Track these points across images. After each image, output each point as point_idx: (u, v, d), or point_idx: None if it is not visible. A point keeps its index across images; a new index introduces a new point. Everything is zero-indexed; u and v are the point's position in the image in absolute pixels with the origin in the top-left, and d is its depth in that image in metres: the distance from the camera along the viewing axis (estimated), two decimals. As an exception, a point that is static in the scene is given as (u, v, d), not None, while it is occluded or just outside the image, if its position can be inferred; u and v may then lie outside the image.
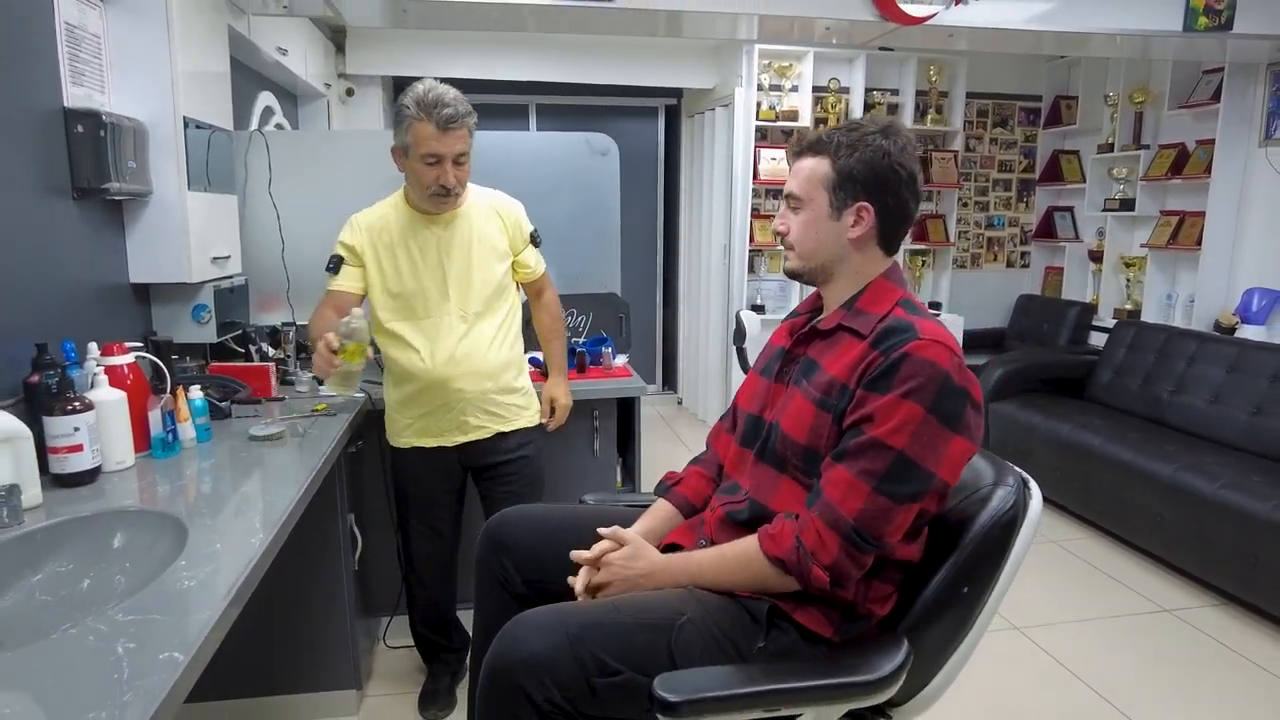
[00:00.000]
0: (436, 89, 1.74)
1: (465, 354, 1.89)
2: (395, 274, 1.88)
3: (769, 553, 1.15)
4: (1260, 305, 3.61)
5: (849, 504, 1.11)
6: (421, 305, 1.88)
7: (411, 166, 1.80)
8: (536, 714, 1.06)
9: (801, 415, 1.21)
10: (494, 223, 1.95)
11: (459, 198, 1.86)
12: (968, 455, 1.15)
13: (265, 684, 2.06)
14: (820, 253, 1.25)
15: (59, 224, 1.73)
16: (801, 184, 1.25)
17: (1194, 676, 2.35)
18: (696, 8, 2.80)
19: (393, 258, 1.88)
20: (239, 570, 1.13)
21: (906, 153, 1.21)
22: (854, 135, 1.21)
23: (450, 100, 1.73)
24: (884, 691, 1.07)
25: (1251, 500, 2.63)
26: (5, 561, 1.22)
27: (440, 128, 1.72)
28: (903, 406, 1.10)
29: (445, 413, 1.93)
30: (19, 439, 1.33)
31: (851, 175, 1.21)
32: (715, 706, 1.01)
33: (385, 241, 1.89)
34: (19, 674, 0.90)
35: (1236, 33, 3.09)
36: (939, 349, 1.12)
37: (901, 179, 1.21)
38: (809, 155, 1.25)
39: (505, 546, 1.38)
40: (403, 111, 1.76)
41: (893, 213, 1.23)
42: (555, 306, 2.16)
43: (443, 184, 1.78)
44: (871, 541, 1.11)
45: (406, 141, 1.77)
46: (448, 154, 1.76)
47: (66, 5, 1.73)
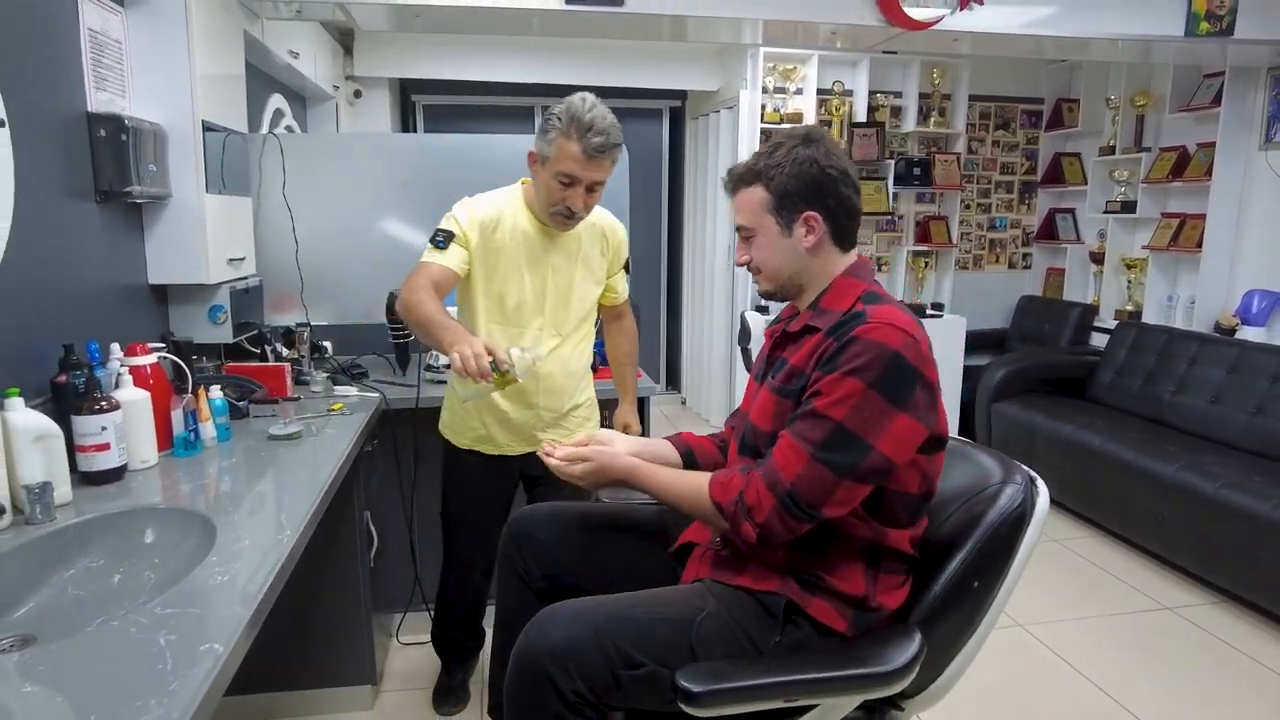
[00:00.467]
0: (596, 109, 1.65)
1: (549, 371, 1.84)
2: (499, 275, 1.80)
3: (714, 497, 1.22)
4: (1260, 307, 3.64)
5: (789, 468, 1.15)
6: (516, 312, 1.82)
7: (544, 179, 1.72)
8: (563, 704, 1.09)
9: (766, 405, 1.28)
10: (599, 244, 1.91)
11: (580, 220, 1.79)
12: (917, 434, 1.17)
13: (283, 679, 2.09)
14: (785, 269, 1.30)
15: (82, 226, 1.76)
16: (746, 215, 1.30)
17: (1195, 674, 2.39)
18: (701, 12, 2.83)
19: (498, 257, 1.80)
20: (271, 566, 1.16)
21: (831, 154, 1.26)
22: (778, 154, 1.26)
23: (605, 128, 1.64)
24: (899, 682, 1.10)
25: (1252, 500, 2.66)
26: (39, 557, 1.25)
27: (586, 154, 1.64)
28: (845, 382, 1.14)
29: (518, 425, 1.89)
30: (51, 437, 1.36)
31: (788, 191, 1.25)
32: (736, 696, 1.04)
33: (496, 238, 1.79)
34: (67, 664, 0.93)
35: (1238, 38, 3.12)
36: (888, 330, 1.15)
37: (835, 178, 1.25)
38: (743, 187, 1.30)
39: (526, 543, 1.42)
40: (551, 121, 1.68)
41: (838, 211, 1.27)
42: (633, 332, 2.12)
43: (570, 206, 1.71)
44: (805, 509, 1.14)
45: (547, 153, 1.69)
46: (585, 179, 1.68)
47: (90, 12, 1.76)
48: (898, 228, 4.82)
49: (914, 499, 1.22)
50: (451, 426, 1.98)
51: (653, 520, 1.48)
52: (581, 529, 1.42)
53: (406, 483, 2.32)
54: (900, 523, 1.22)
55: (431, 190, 2.76)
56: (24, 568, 1.22)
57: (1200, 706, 2.22)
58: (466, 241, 1.77)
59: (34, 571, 1.23)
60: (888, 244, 4.84)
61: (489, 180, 2.05)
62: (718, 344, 4.84)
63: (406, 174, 2.75)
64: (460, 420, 1.94)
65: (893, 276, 4.86)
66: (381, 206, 2.75)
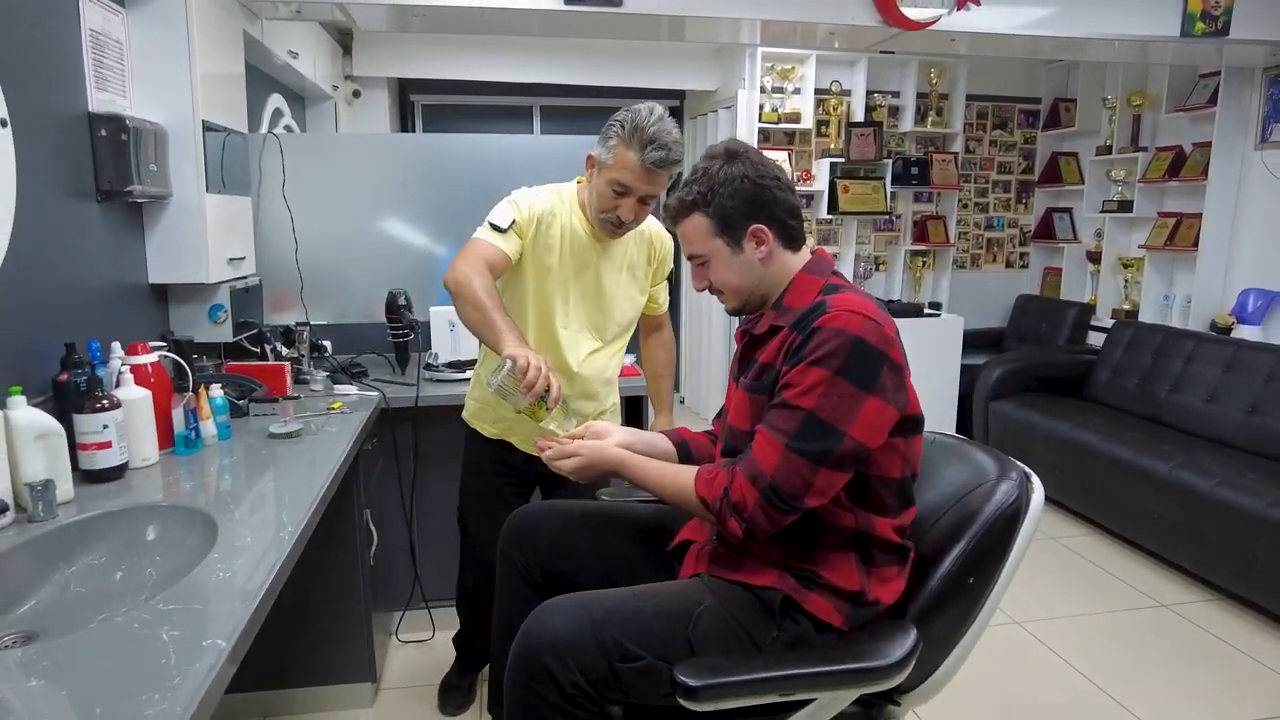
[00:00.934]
0: (662, 122, 1.62)
1: (584, 374, 1.83)
2: (546, 272, 1.78)
3: (699, 493, 1.23)
4: (1256, 306, 3.66)
5: (767, 461, 1.16)
6: (560, 312, 1.80)
7: (598, 184, 1.70)
8: (561, 696, 1.10)
9: (741, 405, 1.29)
10: (645, 252, 1.89)
11: (628, 231, 1.78)
12: (887, 416, 1.18)
13: (283, 676, 2.10)
14: (745, 285, 1.32)
15: (83, 226, 1.77)
16: (695, 244, 1.32)
17: (1190, 670, 2.40)
18: (699, 12, 2.84)
19: (548, 255, 1.77)
20: (272, 563, 1.17)
21: (759, 164, 1.28)
22: (706, 180, 1.27)
23: (667, 143, 1.61)
24: (895, 677, 1.11)
25: (1247, 497, 2.68)
26: (41, 554, 1.26)
27: (644, 166, 1.62)
28: (811, 371, 1.15)
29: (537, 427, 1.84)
30: (53, 435, 1.37)
31: (727, 213, 1.27)
32: (733, 690, 1.05)
33: (549, 235, 1.77)
34: (71, 660, 0.93)
35: (1233, 38, 3.14)
36: (849, 316, 1.16)
37: (769, 186, 1.27)
38: (683, 219, 1.31)
39: (526, 539, 1.43)
40: (613, 128, 1.65)
41: (781, 217, 1.29)
42: (671, 344, 2.11)
43: (620, 216, 1.69)
44: (787, 501, 1.15)
45: (605, 159, 1.67)
46: (638, 191, 1.66)
47: (91, 12, 1.77)
48: (895, 227, 4.83)
49: (896, 483, 1.23)
50: (480, 415, 1.94)
51: (651, 518, 1.49)
52: (581, 526, 1.43)
53: (406, 481, 2.33)
54: (887, 509, 1.23)
55: (430, 190, 2.78)
56: (26, 565, 1.22)
57: (1195, 703, 2.23)
58: (523, 231, 1.75)
59: (36, 569, 1.24)
60: (885, 243, 4.86)
61: (488, 180, 2.06)
62: (716, 344, 4.85)
63: (406, 174, 2.76)
64: (488, 409, 1.91)
65: (890, 276, 4.87)
66: (381, 206, 2.76)
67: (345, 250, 2.73)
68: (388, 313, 2.47)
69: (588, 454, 1.36)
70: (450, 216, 2.80)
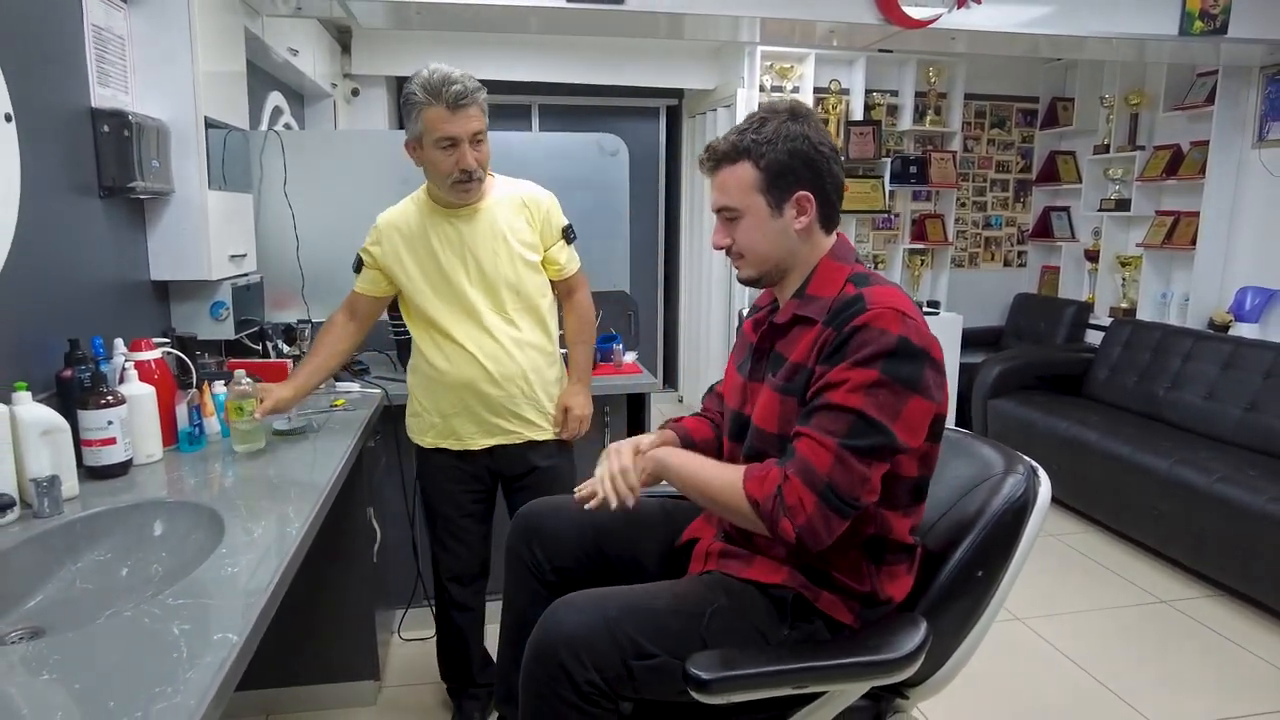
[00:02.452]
0: (440, 70, 1.65)
1: (493, 354, 1.82)
2: (419, 271, 1.82)
3: (750, 493, 1.15)
4: (1254, 303, 3.67)
5: (821, 461, 1.11)
6: (446, 303, 1.82)
7: (428, 157, 1.72)
8: (577, 694, 1.10)
9: (770, 406, 1.24)
10: (521, 215, 1.86)
11: (482, 183, 1.78)
12: (928, 414, 1.15)
13: (286, 674, 2.09)
14: (773, 253, 1.24)
15: (86, 222, 1.77)
16: (733, 195, 1.22)
17: (1190, 665, 2.41)
18: (699, 10, 2.84)
19: (415, 254, 1.82)
20: (281, 557, 1.17)
21: (821, 130, 1.21)
22: (767, 130, 1.19)
23: (457, 78, 1.65)
24: (905, 670, 1.11)
25: (1246, 494, 2.69)
26: (47, 550, 1.26)
27: (451, 108, 1.64)
28: (855, 372, 1.11)
29: (471, 415, 1.85)
30: (58, 431, 1.36)
31: (781, 169, 1.19)
32: (745, 683, 1.06)
33: (407, 238, 1.83)
34: (80, 655, 0.93)
35: (1231, 37, 3.15)
36: (890, 316, 1.12)
37: (828, 156, 1.21)
38: (727, 165, 1.22)
39: (535, 534, 1.43)
40: (410, 99, 1.68)
41: (829, 192, 1.22)
42: (586, 309, 2.03)
43: (463, 168, 1.69)
44: (847, 501, 1.11)
45: (419, 130, 1.69)
46: (463, 134, 1.67)
47: (94, 8, 1.76)
48: (894, 226, 4.84)
49: (912, 482, 1.22)
50: (413, 428, 1.96)
51: (658, 513, 1.49)
52: (588, 522, 1.42)
53: (409, 479, 2.33)
54: (900, 505, 1.21)
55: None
56: (32, 561, 1.22)
57: (1194, 697, 2.24)
58: (377, 258, 1.87)
59: (42, 564, 1.24)
60: (884, 242, 4.86)
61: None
62: (715, 342, 4.85)
63: (406, 171, 2.75)
64: (418, 419, 1.93)
65: (889, 274, 4.87)
66: (381, 203, 2.72)
67: (346, 247, 2.69)
68: (389, 310, 2.46)
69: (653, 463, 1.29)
70: (451, 214, 2.79)
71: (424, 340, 1.87)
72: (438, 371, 1.84)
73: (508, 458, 1.90)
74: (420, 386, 1.91)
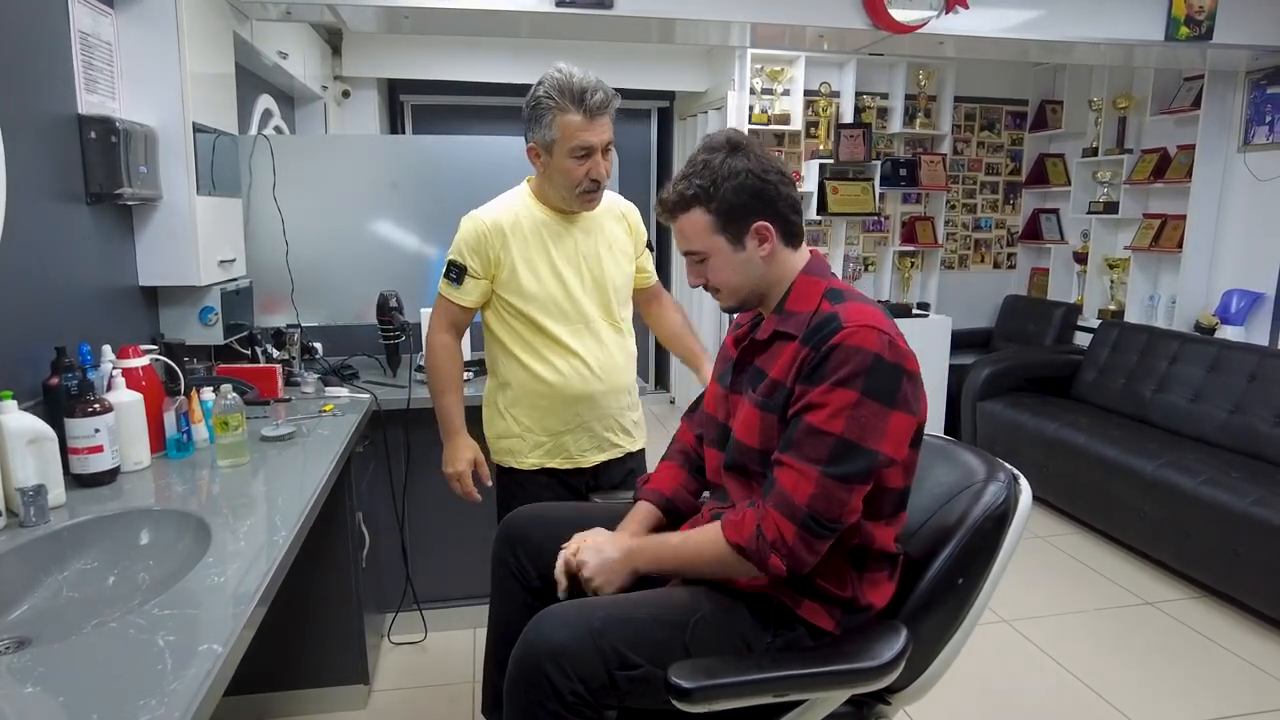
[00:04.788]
0: (576, 74, 1.58)
1: (609, 366, 1.76)
2: (534, 279, 1.72)
3: (730, 539, 1.18)
4: (1239, 306, 3.71)
5: (800, 492, 1.13)
6: (561, 313, 1.73)
7: (558, 164, 1.64)
8: (561, 704, 1.10)
9: (750, 421, 1.25)
10: (620, 224, 1.83)
11: (603, 192, 1.73)
12: (909, 427, 1.17)
13: (275, 679, 2.10)
14: (745, 284, 1.28)
15: (73, 229, 1.76)
16: (693, 240, 1.26)
17: (1175, 666, 2.43)
18: (689, 15, 2.85)
19: (529, 261, 1.72)
20: (267, 566, 1.17)
21: (762, 158, 1.23)
22: (708, 174, 1.22)
23: (596, 84, 1.58)
24: (885, 677, 1.12)
25: (1230, 496, 2.71)
26: (33, 559, 1.26)
27: (590, 116, 1.58)
28: (836, 393, 1.13)
29: (586, 430, 1.78)
30: (44, 440, 1.36)
31: (732, 208, 1.22)
32: (726, 692, 1.06)
33: (519, 243, 1.72)
34: (65, 666, 0.93)
35: (1216, 42, 3.18)
36: (865, 332, 1.14)
37: (774, 182, 1.23)
38: (681, 213, 1.25)
39: (520, 542, 1.43)
40: (542, 104, 1.60)
41: (785, 213, 1.25)
42: (677, 305, 2.05)
43: (594, 178, 1.64)
44: (828, 525, 1.14)
45: (551, 137, 1.61)
46: (599, 144, 1.62)
47: (81, 14, 1.76)
48: (884, 228, 4.86)
49: (896, 492, 1.23)
50: (507, 450, 1.82)
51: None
52: (572, 529, 1.42)
53: (398, 483, 2.34)
54: (883, 514, 1.23)
55: (421, 191, 2.78)
56: (18, 570, 1.22)
57: (1179, 698, 2.26)
58: (477, 270, 1.74)
59: (28, 574, 1.24)
60: (874, 244, 4.88)
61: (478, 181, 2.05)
62: (706, 343, 4.86)
63: (396, 175, 2.76)
64: (519, 441, 1.79)
65: (879, 276, 4.90)
66: (371, 208, 2.75)
67: (336, 252, 2.72)
68: (379, 314, 2.47)
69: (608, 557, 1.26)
70: (441, 218, 2.78)
71: (530, 354, 1.75)
72: (547, 385, 1.74)
73: (609, 473, 1.84)
74: (520, 404, 1.79)
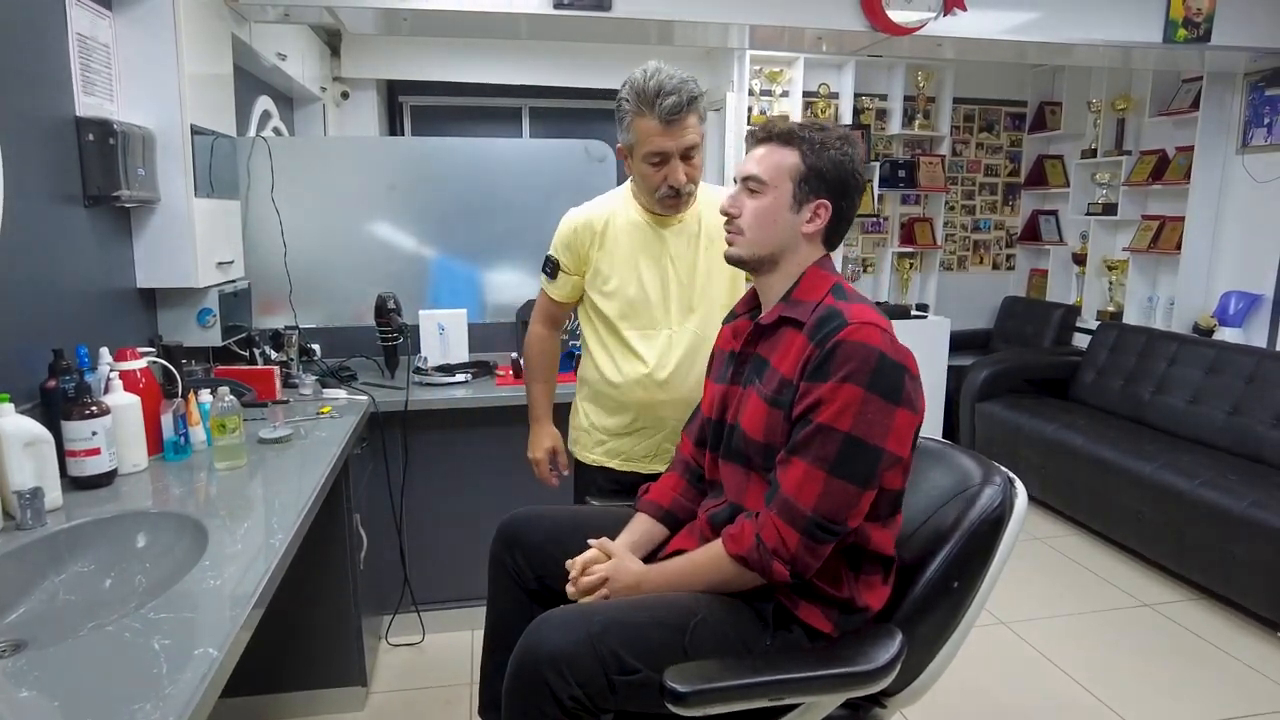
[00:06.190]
0: (658, 74, 1.53)
1: (679, 374, 1.69)
2: (615, 279, 1.70)
3: (731, 552, 1.20)
4: (1238, 308, 3.71)
5: (806, 496, 1.14)
6: (635, 315, 1.70)
7: (638, 168, 1.62)
8: (560, 709, 1.10)
9: (757, 413, 1.26)
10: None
11: (692, 197, 1.66)
12: (913, 424, 1.19)
13: (274, 680, 2.10)
14: (771, 242, 1.28)
15: (71, 231, 1.77)
16: (768, 170, 1.26)
17: (1172, 668, 2.43)
18: (688, 17, 2.85)
19: (613, 261, 1.70)
20: (263, 569, 1.18)
21: (863, 162, 1.28)
22: (823, 135, 1.25)
23: (674, 87, 1.52)
24: (880, 681, 1.12)
25: (1228, 498, 2.71)
26: (30, 563, 1.26)
27: (664, 121, 1.52)
28: (842, 390, 1.14)
29: (645, 437, 1.75)
30: (41, 442, 1.37)
31: (820, 172, 1.24)
32: (721, 696, 1.07)
33: (609, 242, 1.71)
34: (61, 669, 0.94)
35: (1214, 44, 3.18)
36: (869, 330, 1.16)
37: (859, 185, 1.28)
38: (778, 143, 1.27)
39: (517, 543, 1.44)
40: (622, 106, 1.58)
41: (844, 214, 1.28)
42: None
43: (672, 185, 1.59)
44: (833, 529, 1.15)
45: (630, 140, 1.59)
46: (675, 150, 1.56)
47: (79, 17, 1.76)
48: (883, 229, 4.86)
49: (894, 493, 1.24)
50: (577, 441, 1.85)
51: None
52: (570, 530, 1.43)
53: (395, 485, 2.34)
54: (879, 515, 1.23)
55: (419, 193, 2.78)
56: (15, 573, 1.22)
57: (1177, 700, 2.27)
58: (573, 264, 1.74)
59: (25, 577, 1.24)
60: (873, 245, 4.88)
61: (476, 183, 2.06)
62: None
63: (394, 177, 2.76)
64: (587, 434, 1.81)
65: (878, 277, 4.90)
66: (369, 209, 2.76)
67: (334, 253, 2.73)
68: (377, 316, 2.47)
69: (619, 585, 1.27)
70: (439, 220, 2.81)
71: (601, 351, 1.75)
72: (610, 385, 1.74)
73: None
74: (591, 400, 1.80)
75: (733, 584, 1.23)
